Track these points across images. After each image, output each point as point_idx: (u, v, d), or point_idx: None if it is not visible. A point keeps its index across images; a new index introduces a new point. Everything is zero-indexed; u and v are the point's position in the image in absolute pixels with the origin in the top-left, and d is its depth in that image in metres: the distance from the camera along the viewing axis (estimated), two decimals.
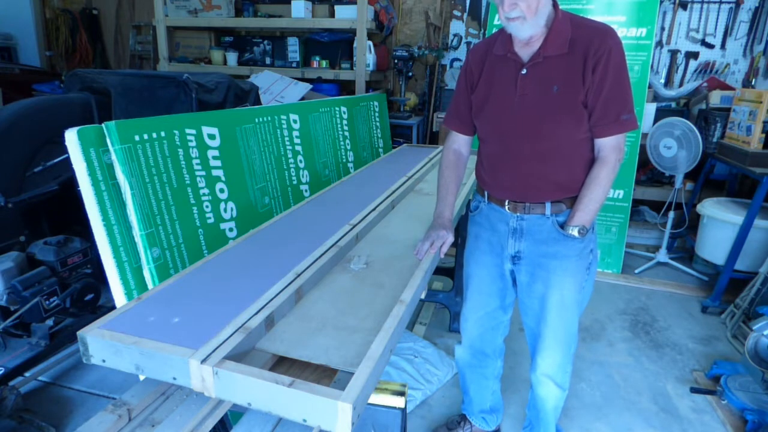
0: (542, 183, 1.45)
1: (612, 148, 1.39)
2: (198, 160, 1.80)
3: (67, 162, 1.45)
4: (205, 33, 4.85)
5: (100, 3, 5.74)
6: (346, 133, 3.10)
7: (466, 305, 1.77)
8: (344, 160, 3.03)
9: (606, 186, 1.41)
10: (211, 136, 1.89)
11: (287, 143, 2.44)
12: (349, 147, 3.10)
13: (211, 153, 1.88)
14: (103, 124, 1.46)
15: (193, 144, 1.79)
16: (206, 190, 1.82)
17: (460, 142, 1.66)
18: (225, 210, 1.91)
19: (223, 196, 1.91)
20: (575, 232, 1.43)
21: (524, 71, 1.40)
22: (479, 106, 1.51)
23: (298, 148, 2.53)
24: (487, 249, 1.63)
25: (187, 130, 1.77)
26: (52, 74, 5.25)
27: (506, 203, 1.52)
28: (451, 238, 1.54)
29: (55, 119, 2.32)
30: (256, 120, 2.20)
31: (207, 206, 1.82)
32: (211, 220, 1.83)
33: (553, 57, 1.37)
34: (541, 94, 1.38)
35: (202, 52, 4.86)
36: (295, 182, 2.46)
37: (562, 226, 1.46)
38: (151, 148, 1.60)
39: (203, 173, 1.82)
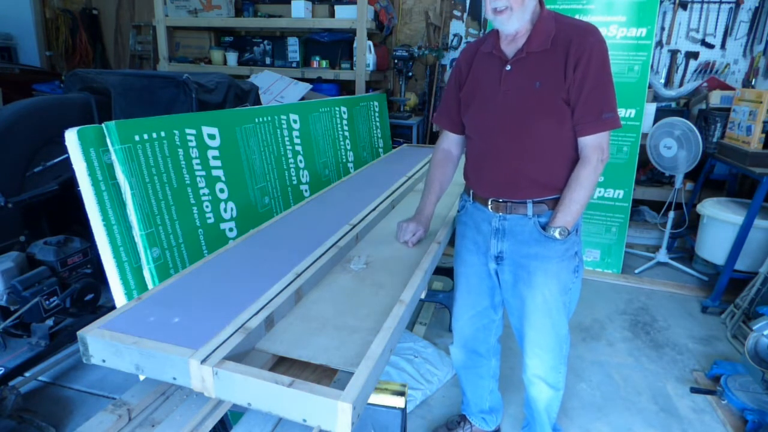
0: (524, 181, 1.45)
1: (593, 148, 1.39)
2: (198, 160, 1.80)
3: (67, 162, 1.45)
4: (205, 33, 4.85)
5: (100, 3, 5.74)
6: (346, 133, 3.10)
7: (456, 304, 1.77)
8: (344, 160, 3.03)
9: (587, 187, 1.40)
10: (211, 136, 1.89)
11: (287, 143, 2.44)
12: (349, 147, 3.10)
13: (211, 153, 1.88)
14: (103, 124, 1.46)
15: (193, 144, 1.79)
16: (206, 190, 1.82)
17: (449, 141, 1.68)
18: (225, 210, 1.91)
19: (223, 196, 1.91)
20: (556, 234, 1.42)
21: (508, 67, 1.42)
22: (467, 104, 1.54)
23: (298, 148, 2.53)
24: (473, 248, 1.63)
25: (187, 130, 1.77)
26: (52, 74, 5.24)
27: (489, 202, 1.52)
28: (421, 233, 1.66)
29: (55, 119, 2.31)
30: (256, 120, 2.20)
31: (207, 206, 1.82)
32: (211, 220, 1.83)
33: (536, 53, 1.38)
34: (523, 90, 1.40)
35: (202, 52, 4.86)
36: (295, 182, 2.46)
37: (544, 227, 1.46)
38: (151, 148, 1.60)
39: (203, 173, 1.82)
